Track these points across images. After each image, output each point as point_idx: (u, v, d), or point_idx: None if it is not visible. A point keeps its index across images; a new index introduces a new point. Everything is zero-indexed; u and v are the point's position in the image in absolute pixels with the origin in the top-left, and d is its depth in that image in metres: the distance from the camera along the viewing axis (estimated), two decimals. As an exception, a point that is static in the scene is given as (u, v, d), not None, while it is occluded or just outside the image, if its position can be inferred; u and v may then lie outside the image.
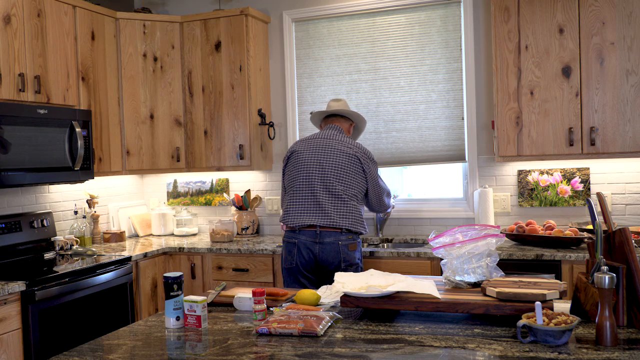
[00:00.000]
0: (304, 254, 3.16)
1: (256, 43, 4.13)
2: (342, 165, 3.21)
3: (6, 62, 3.15)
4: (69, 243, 3.69)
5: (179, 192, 4.60)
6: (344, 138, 3.32)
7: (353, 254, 3.16)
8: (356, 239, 3.20)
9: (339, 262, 3.14)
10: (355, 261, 3.18)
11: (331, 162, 3.21)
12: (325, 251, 3.13)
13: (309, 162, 3.24)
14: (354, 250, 3.17)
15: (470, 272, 2.10)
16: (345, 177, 3.20)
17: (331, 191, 3.17)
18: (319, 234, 3.14)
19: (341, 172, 3.20)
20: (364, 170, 3.25)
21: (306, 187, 3.21)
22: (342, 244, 3.13)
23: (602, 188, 3.58)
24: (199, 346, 1.83)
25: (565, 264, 3.07)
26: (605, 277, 1.65)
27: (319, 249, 3.14)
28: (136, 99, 4.06)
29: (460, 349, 1.68)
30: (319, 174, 3.20)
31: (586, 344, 1.67)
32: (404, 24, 4.00)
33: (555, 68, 3.35)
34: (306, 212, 3.18)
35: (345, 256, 3.14)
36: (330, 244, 3.13)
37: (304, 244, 3.16)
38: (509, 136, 3.45)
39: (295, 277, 3.20)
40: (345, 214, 3.16)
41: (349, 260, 3.15)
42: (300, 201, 3.22)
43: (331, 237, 3.13)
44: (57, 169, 3.38)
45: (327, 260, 3.14)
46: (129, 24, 4.03)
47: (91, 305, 3.20)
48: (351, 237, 3.17)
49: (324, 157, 3.23)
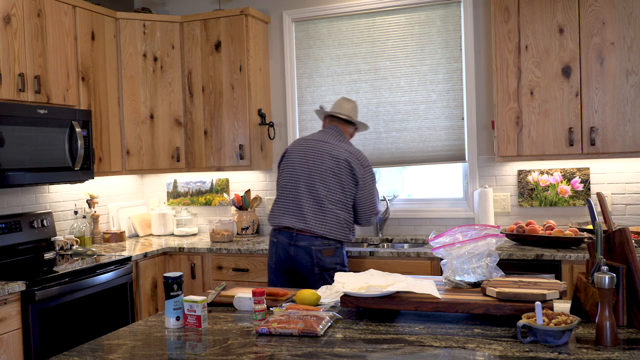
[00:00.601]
0: (281, 254, 3.17)
1: (256, 43, 4.13)
2: (329, 170, 3.14)
3: (6, 62, 3.15)
4: (69, 243, 3.69)
5: (179, 192, 4.60)
6: (339, 142, 3.23)
7: (329, 260, 3.11)
8: (333, 245, 3.13)
9: (312, 267, 3.11)
10: (331, 266, 3.12)
11: (319, 166, 3.16)
12: (299, 254, 3.11)
13: (298, 164, 3.21)
14: (329, 255, 3.11)
15: (470, 272, 2.10)
16: (331, 182, 3.13)
17: (314, 195, 3.13)
18: (295, 237, 3.13)
19: (327, 176, 3.13)
20: (355, 176, 3.15)
21: (290, 189, 3.20)
22: (316, 249, 3.09)
23: (602, 188, 3.58)
24: (199, 346, 1.83)
25: (565, 264, 3.07)
26: (605, 277, 1.65)
27: (293, 251, 3.13)
28: (136, 99, 4.06)
29: (460, 349, 1.68)
30: (305, 177, 3.17)
31: (586, 344, 1.67)
32: (404, 24, 4.00)
33: (555, 68, 3.35)
34: (285, 214, 3.17)
35: (319, 261, 3.10)
36: (304, 248, 3.10)
37: (282, 244, 3.16)
38: (509, 136, 3.45)
39: (275, 275, 3.22)
40: (323, 219, 3.10)
41: (323, 266, 3.10)
42: (282, 202, 3.21)
43: (305, 242, 3.10)
44: (57, 169, 3.38)
45: (300, 263, 3.12)
46: (129, 24, 4.03)
47: (91, 305, 3.20)
48: (326, 243, 3.11)
49: (313, 159, 3.18)
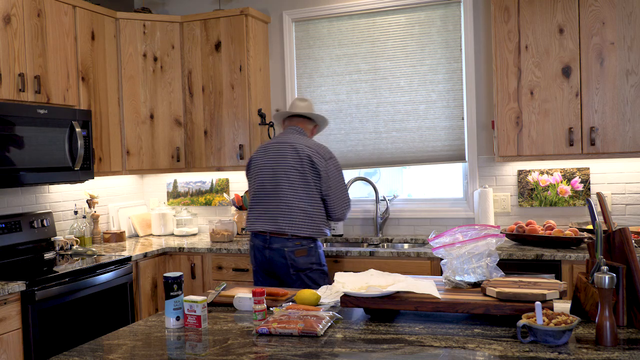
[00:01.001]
0: (259, 257, 3.17)
1: (256, 43, 4.13)
2: (292, 167, 3.11)
3: (6, 62, 3.15)
4: (69, 243, 3.69)
5: (179, 192, 4.60)
6: (299, 139, 3.20)
7: (302, 260, 3.08)
8: (306, 245, 3.10)
9: (287, 269, 3.10)
10: (306, 266, 3.10)
11: (282, 165, 3.13)
12: (273, 257, 3.11)
13: (263, 168, 3.20)
14: (303, 256, 3.09)
15: (470, 272, 2.10)
16: (295, 180, 3.10)
17: (280, 195, 3.12)
18: (269, 240, 3.13)
19: (291, 174, 3.11)
20: (317, 170, 3.10)
21: (260, 194, 3.19)
22: (288, 250, 3.08)
23: (602, 188, 3.58)
24: (199, 346, 1.83)
25: (565, 264, 3.07)
26: (605, 277, 1.65)
27: (268, 254, 3.13)
28: (136, 99, 4.06)
29: (460, 349, 1.68)
30: (270, 179, 3.16)
31: (586, 344, 1.67)
32: (404, 24, 4.00)
33: (555, 68, 3.35)
34: (258, 219, 3.17)
35: (293, 262, 3.08)
36: (277, 250, 3.10)
37: (258, 247, 3.17)
38: (509, 136, 3.45)
39: (256, 277, 3.23)
40: (292, 218, 3.08)
41: (298, 267, 3.09)
42: (254, 207, 3.21)
43: (278, 244, 3.10)
44: (57, 169, 3.38)
45: (276, 265, 3.12)
46: (129, 24, 4.03)
47: (91, 305, 3.20)
48: (299, 244, 3.09)
49: (276, 160, 3.16)
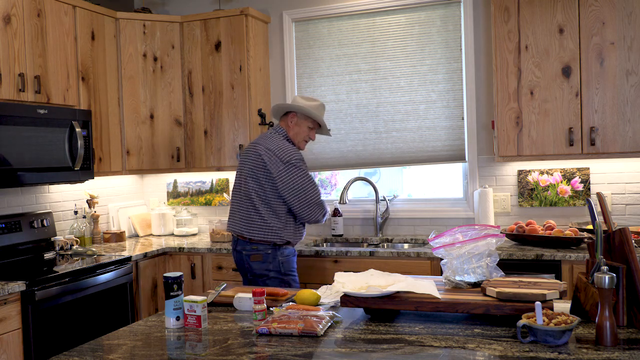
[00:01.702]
0: (234, 258, 3.20)
1: (256, 43, 4.13)
2: (251, 171, 3.04)
3: (6, 62, 3.15)
4: (69, 243, 3.69)
5: (179, 192, 4.60)
6: (267, 139, 3.07)
7: (256, 265, 3.03)
8: (262, 250, 3.02)
9: (246, 272, 3.10)
10: (261, 272, 3.03)
11: (244, 169, 3.08)
12: (238, 259, 3.13)
13: (238, 170, 3.18)
14: (258, 261, 3.02)
15: (470, 272, 2.10)
16: (252, 183, 3.03)
17: (244, 199, 3.08)
18: (235, 242, 3.14)
19: (249, 178, 3.05)
20: (269, 172, 2.98)
21: (233, 195, 3.20)
22: (246, 253, 3.06)
23: (602, 188, 3.58)
24: (199, 346, 1.83)
25: (565, 264, 3.07)
26: (605, 277, 1.65)
27: (235, 256, 3.16)
28: (136, 99, 4.06)
29: (460, 349, 1.68)
30: (237, 181, 3.16)
31: (586, 344, 1.67)
32: (404, 24, 4.00)
33: (555, 68, 3.35)
34: (229, 220, 3.19)
35: (249, 266, 3.06)
36: (239, 253, 3.11)
37: (232, 248, 3.20)
38: (509, 136, 3.45)
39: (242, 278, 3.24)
40: (248, 222, 3.04)
41: (253, 272, 3.05)
42: (230, 208, 3.21)
43: (240, 246, 3.10)
44: (57, 169, 3.38)
45: (241, 268, 3.14)
46: (129, 24, 4.03)
47: (91, 305, 3.20)
48: (255, 248, 3.03)
49: (243, 163, 3.12)
